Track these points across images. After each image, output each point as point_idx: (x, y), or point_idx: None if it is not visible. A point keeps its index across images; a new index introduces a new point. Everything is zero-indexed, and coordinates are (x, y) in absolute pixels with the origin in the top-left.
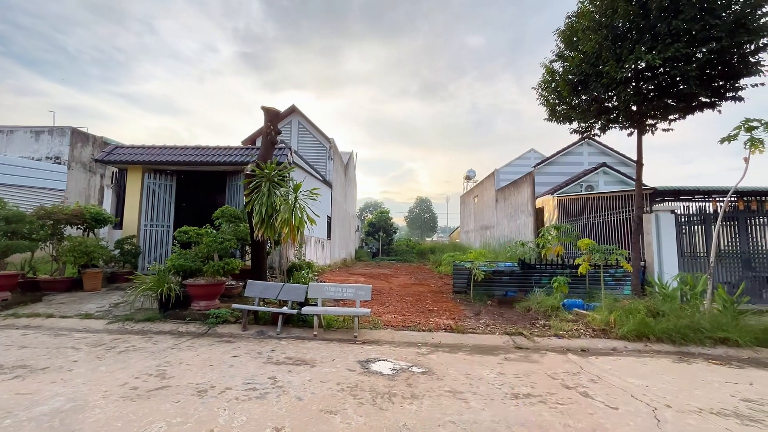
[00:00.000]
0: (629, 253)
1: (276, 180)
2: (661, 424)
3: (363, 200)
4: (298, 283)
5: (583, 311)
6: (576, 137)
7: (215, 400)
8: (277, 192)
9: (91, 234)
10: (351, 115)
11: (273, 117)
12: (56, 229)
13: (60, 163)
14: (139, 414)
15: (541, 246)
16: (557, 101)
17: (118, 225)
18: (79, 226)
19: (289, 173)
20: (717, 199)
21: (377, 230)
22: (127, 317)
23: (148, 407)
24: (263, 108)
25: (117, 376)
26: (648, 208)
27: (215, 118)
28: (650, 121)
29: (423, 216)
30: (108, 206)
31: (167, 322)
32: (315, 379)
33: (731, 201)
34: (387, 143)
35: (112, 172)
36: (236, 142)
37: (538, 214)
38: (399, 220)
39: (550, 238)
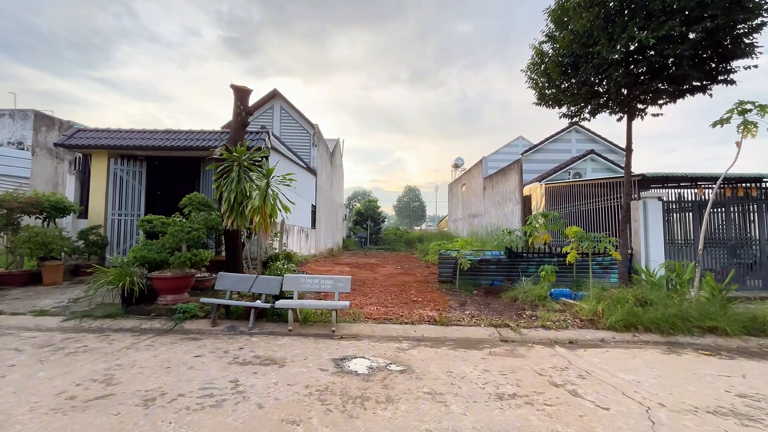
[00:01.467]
0: (618, 241)
1: (247, 164)
2: (656, 426)
3: (351, 189)
4: (274, 274)
5: (571, 300)
6: (564, 123)
7: (162, 410)
8: (249, 177)
9: (51, 224)
10: (339, 103)
11: (243, 96)
12: (10, 218)
13: (23, 149)
14: (67, 431)
15: (528, 234)
16: (546, 84)
17: (83, 214)
18: (38, 215)
19: (264, 157)
20: (703, 186)
21: (365, 219)
22: (85, 314)
23: (80, 421)
24: (233, 86)
25: (55, 384)
26: (636, 196)
27: (200, 105)
28: (640, 106)
29: (412, 205)
30: (71, 194)
31: (129, 319)
32: (282, 381)
33: (719, 188)
34: (376, 131)
35: (75, 158)
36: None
37: (526, 201)
38: (387, 209)
39: (537, 226)
